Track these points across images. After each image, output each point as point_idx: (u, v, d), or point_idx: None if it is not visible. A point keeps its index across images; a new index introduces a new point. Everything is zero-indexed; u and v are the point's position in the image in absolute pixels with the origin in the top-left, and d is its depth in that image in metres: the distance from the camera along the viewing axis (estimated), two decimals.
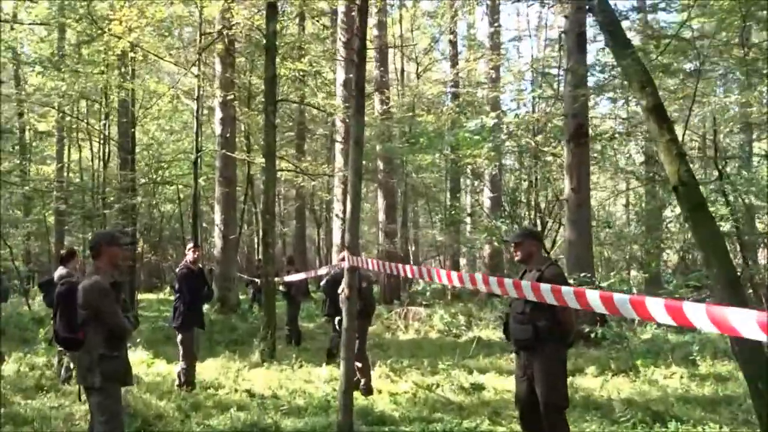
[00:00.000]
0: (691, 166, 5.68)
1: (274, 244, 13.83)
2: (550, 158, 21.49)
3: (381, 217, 25.54)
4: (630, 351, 13.13)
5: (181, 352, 10.41)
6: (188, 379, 10.27)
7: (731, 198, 23.26)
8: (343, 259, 10.76)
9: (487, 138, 20.70)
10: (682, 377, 10.83)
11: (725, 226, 24.21)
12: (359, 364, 9.99)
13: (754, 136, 32.18)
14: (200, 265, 11.07)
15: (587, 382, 10.69)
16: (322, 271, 11.49)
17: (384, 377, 11.23)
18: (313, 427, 8.00)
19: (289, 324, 15.96)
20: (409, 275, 5.80)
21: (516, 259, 6.46)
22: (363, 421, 8.16)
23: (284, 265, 17.26)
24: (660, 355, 12.71)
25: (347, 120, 18.72)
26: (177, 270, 10.95)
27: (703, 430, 7.74)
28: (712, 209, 23.32)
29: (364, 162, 20.39)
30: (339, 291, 10.43)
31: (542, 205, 23.35)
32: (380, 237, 25.56)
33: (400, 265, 6.05)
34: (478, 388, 10.42)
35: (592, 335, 14.04)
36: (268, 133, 12.69)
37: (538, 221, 23.22)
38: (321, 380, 11.18)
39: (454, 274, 5.49)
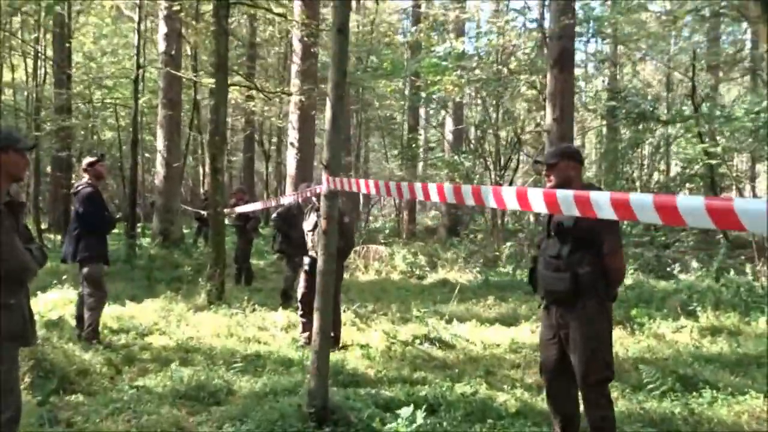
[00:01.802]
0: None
1: (224, 171, 12.16)
2: (523, 89, 20.04)
3: None
4: (622, 300, 11.93)
5: (86, 291, 8.41)
6: (94, 327, 8.32)
7: (706, 138, 22.28)
8: (307, 186, 9.29)
9: (454, 65, 19.13)
10: (692, 331, 9.55)
11: (697, 167, 23.31)
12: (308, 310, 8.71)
13: (720, 75, 31.26)
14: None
15: None
16: (287, 200, 9.89)
17: (350, 325, 9.79)
18: (273, 388, 6.51)
19: (241, 261, 14.37)
20: (415, 195, 4.27)
21: (549, 185, 4.94)
22: (332, 381, 6.70)
23: (237, 196, 15.41)
24: (652, 303, 11.47)
25: (305, 38, 16.95)
26: (78, 189, 8.51)
27: (744, 399, 6.44)
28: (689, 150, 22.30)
29: (318, 87, 18.73)
30: (309, 226, 8.95)
31: (505, 139, 22.03)
32: None
33: (403, 185, 4.49)
34: (460, 340, 9.05)
35: None
36: (219, 41, 10.91)
37: (502, 157, 21.93)
38: (277, 327, 9.74)
39: (467, 189, 3.85)
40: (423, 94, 22.22)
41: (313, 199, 9.20)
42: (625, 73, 33.60)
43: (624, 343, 8.90)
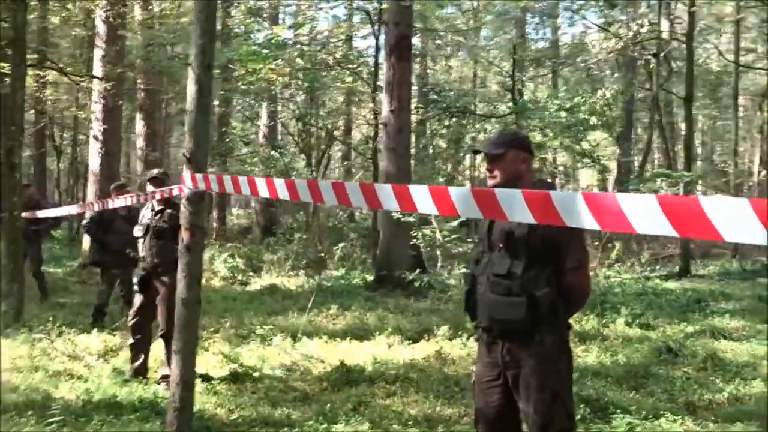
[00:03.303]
0: None
1: (21, 167, 10.26)
2: (349, 79, 19.01)
3: (140, 143, 21.99)
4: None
5: None
6: None
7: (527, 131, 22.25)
8: (157, 181, 7.54)
9: (274, 54, 17.79)
10: None
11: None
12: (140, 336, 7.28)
13: (532, 73, 31.76)
14: None
15: (449, 348, 8.38)
16: (118, 203, 8.03)
17: None
18: None
19: (33, 271, 12.12)
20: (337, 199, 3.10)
21: (491, 183, 3.82)
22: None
23: (27, 195, 12.74)
24: None
25: (111, 19, 15.11)
26: None
27: (659, 425, 5.65)
28: None
29: (127, 73, 16.87)
30: (140, 231, 7.34)
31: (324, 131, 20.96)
32: (139, 167, 22.03)
33: (300, 183, 3.24)
34: (315, 363, 7.83)
35: (416, 283, 11.99)
36: (16, 12, 9.05)
37: (319, 151, 20.85)
38: (93, 355, 8.10)
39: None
40: (240, 84, 20.70)
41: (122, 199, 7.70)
42: (435, 68, 33.47)
43: None
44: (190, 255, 4.13)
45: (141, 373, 7.22)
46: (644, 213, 2.13)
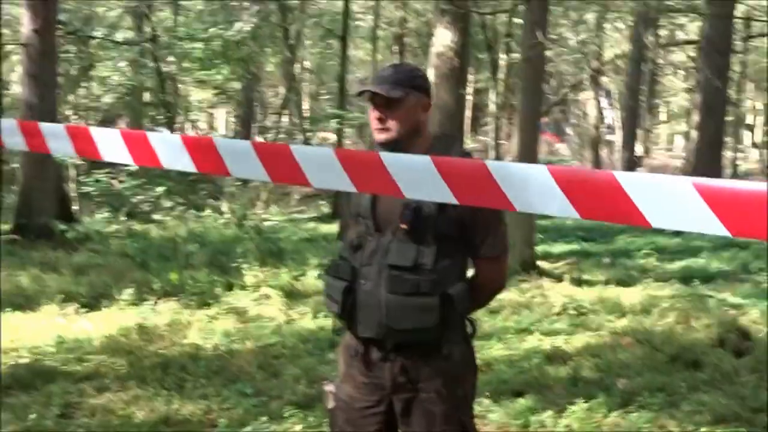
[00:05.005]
0: None
1: None
2: None
3: None
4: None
5: None
6: None
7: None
8: None
9: None
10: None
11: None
12: None
13: None
14: None
15: (146, 319, 7.02)
16: None
17: None
18: None
19: None
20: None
21: (382, 138, 2.72)
22: None
23: None
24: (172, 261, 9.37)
25: None
26: None
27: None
28: None
29: None
30: None
31: None
32: None
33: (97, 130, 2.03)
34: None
35: (67, 233, 10.40)
36: None
37: None
38: None
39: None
40: None
41: None
42: None
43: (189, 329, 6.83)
44: None
45: None
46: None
